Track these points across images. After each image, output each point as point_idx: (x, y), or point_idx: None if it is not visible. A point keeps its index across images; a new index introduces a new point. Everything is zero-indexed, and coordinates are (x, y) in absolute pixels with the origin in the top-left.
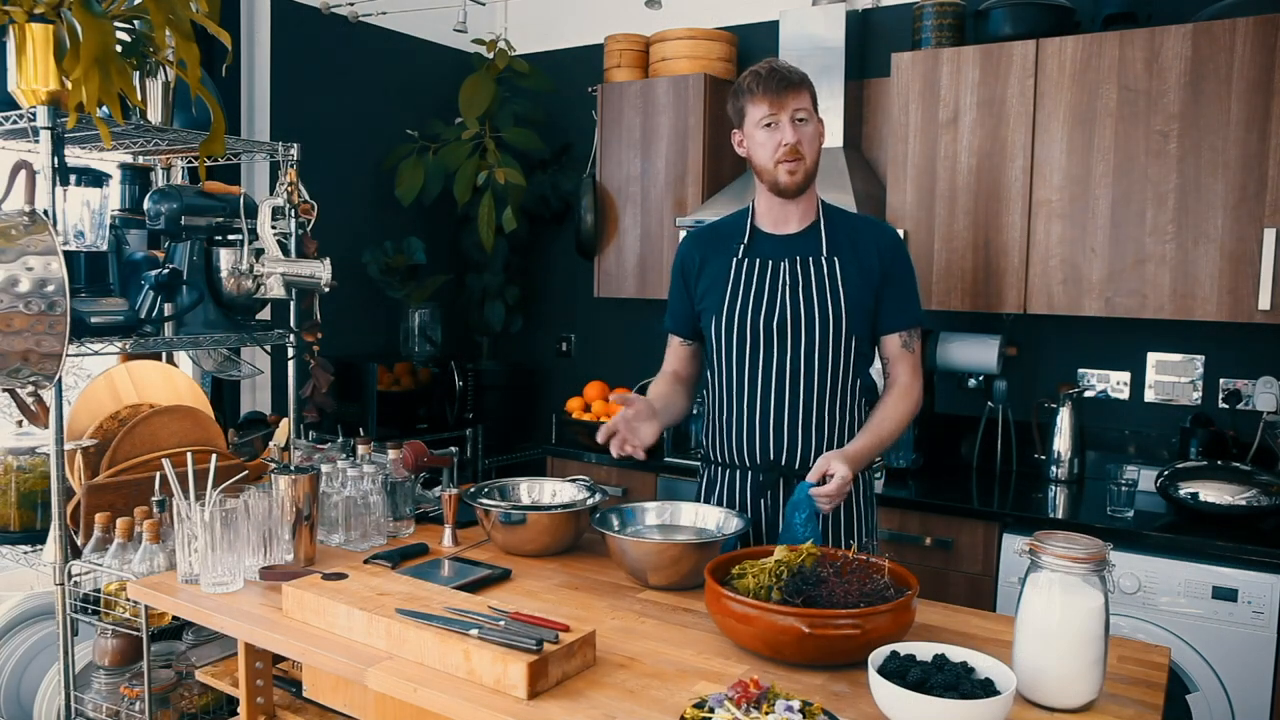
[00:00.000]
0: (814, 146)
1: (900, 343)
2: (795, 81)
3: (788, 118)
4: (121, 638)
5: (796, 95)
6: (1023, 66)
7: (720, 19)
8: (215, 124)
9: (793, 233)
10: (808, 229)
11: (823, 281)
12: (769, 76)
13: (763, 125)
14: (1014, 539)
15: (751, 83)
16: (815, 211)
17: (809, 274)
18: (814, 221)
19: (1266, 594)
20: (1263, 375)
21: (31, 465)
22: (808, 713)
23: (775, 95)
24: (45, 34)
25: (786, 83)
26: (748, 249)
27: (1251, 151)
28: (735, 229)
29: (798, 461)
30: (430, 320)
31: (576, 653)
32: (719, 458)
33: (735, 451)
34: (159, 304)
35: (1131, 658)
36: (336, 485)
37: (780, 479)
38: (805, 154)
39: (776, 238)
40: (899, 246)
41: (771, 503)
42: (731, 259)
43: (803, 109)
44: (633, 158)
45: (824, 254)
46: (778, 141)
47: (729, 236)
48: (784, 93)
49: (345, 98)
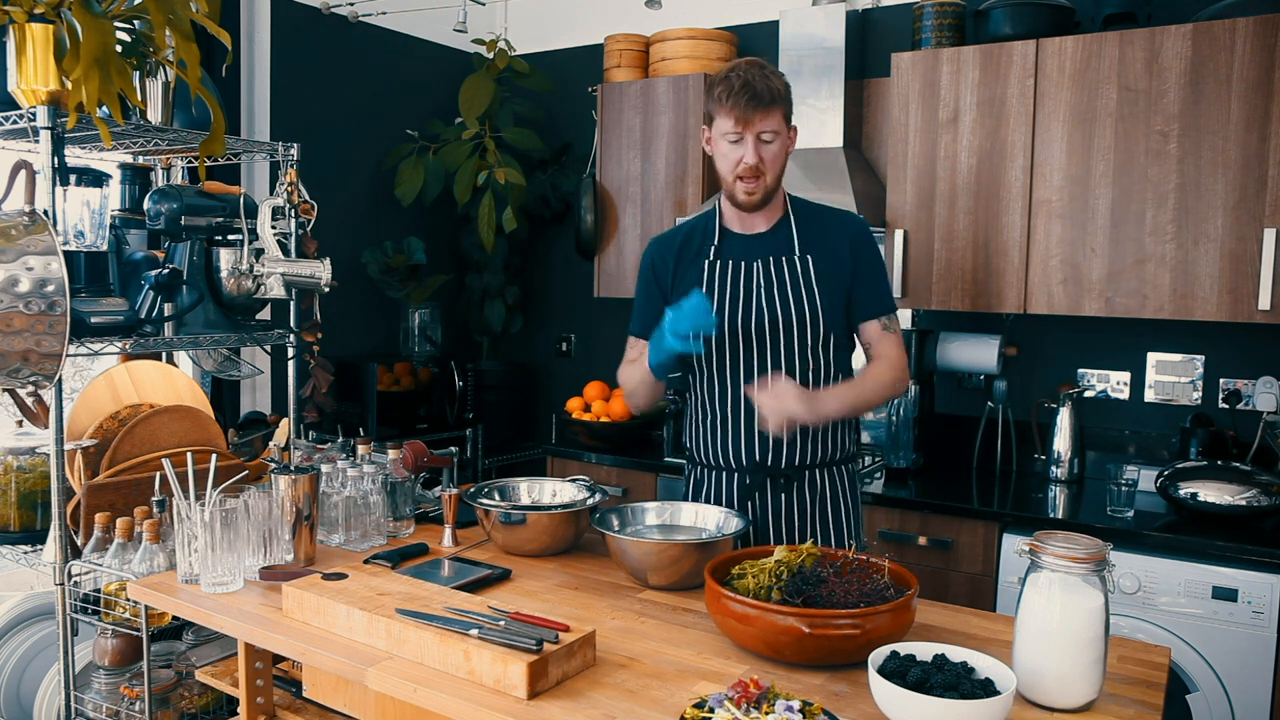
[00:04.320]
0: (777, 164)
1: (880, 326)
2: (765, 102)
3: (753, 137)
4: (121, 638)
5: (765, 116)
6: (1023, 66)
7: (720, 19)
8: (215, 124)
9: (761, 231)
10: (776, 225)
11: (797, 281)
12: (740, 92)
13: (728, 140)
14: (1014, 539)
15: (723, 93)
16: (783, 207)
17: (783, 274)
18: (782, 217)
19: (1266, 594)
20: (1263, 375)
21: (31, 465)
22: (808, 713)
23: (742, 114)
24: (45, 34)
25: (757, 102)
26: (719, 251)
27: (1251, 151)
28: (703, 231)
29: (783, 462)
30: (430, 320)
31: (576, 653)
32: (704, 459)
33: (720, 453)
34: (159, 304)
35: (1131, 658)
36: (336, 485)
37: (767, 479)
38: (766, 172)
39: (746, 238)
40: (867, 236)
41: (759, 504)
42: (704, 261)
43: (769, 130)
44: (633, 158)
45: (796, 253)
46: (739, 158)
47: (698, 240)
48: (752, 112)
49: (345, 98)
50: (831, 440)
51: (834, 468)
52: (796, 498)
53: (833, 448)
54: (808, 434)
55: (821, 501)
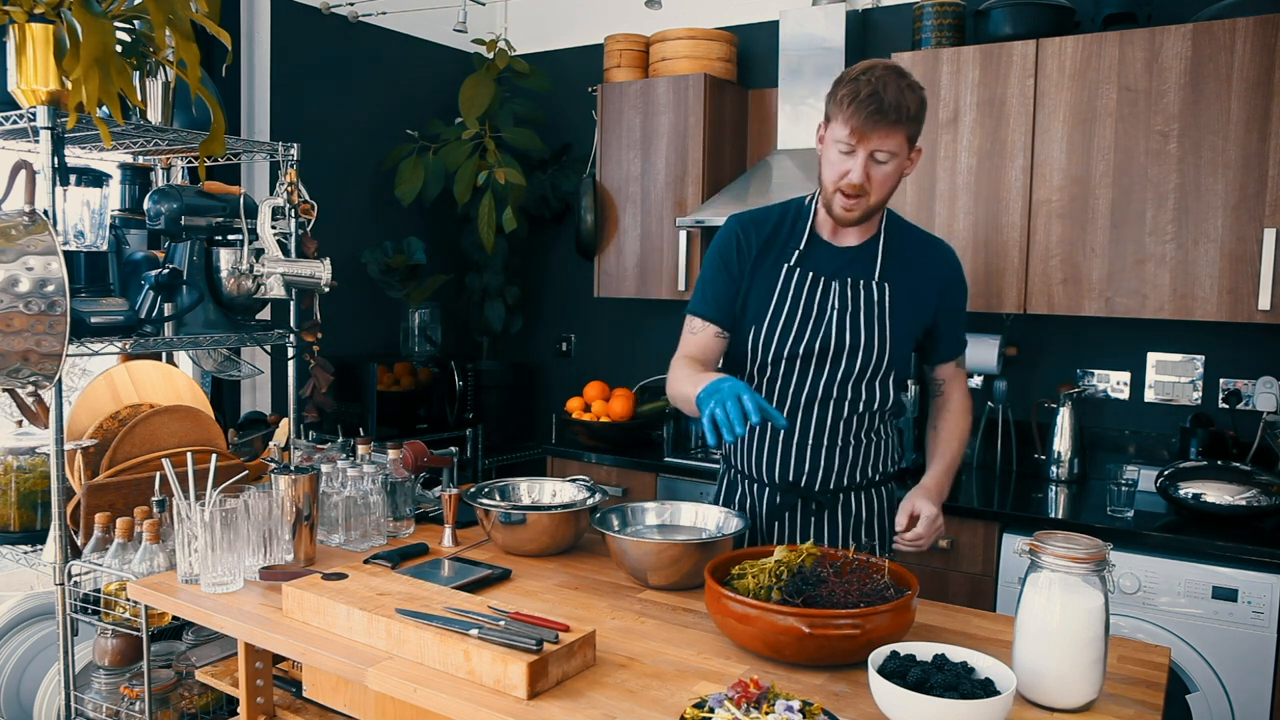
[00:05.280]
0: (886, 186)
1: (954, 366)
2: (890, 120)
3: (865, 153)
4: (121, 638)
5: (886, 135)
6: (1023, 66)
7: (720, 19)
8: (215, 124)
9: (851, 245)
10: (867, 243)
11: (871, 310)
12: (866, 101)
13: (838, 147)
14: (1014, 539)
15: (846, 96)
16: (878, 224)
17: (859, 299)
18: (874, 235)
19: (1266, 594)
20: (1263, 375)
21: (31, 465)
22: (808, 713)
23: (860, 126)
24: (45, 34)
25: (880, 118)
26: (802, 257)
27: (1251, 151)
28: (793, 227)
29: (818, 484)
30: (430, 320)
31: (576, 653)
32: (740, 466)
33: (756, 465)
34: (159, 304)
35: (1131, 658)
36: (336, 485)
37: (799, 500)
38: (871, 193)
39: (833, 249)
40: (959, 277)
41: (789, 522)
42: (784, 264)
43: (887, 150)
44: (633, 158)
45: (875, 278)
46: (845, 171)
47: (786, 235)
48: (872, 128)
49: (345, 98)
50: (873, 463)
51: (872, 489)
52: (828, 522)
53: (873, 471)
54: (847, 459)
55: (856, 524)
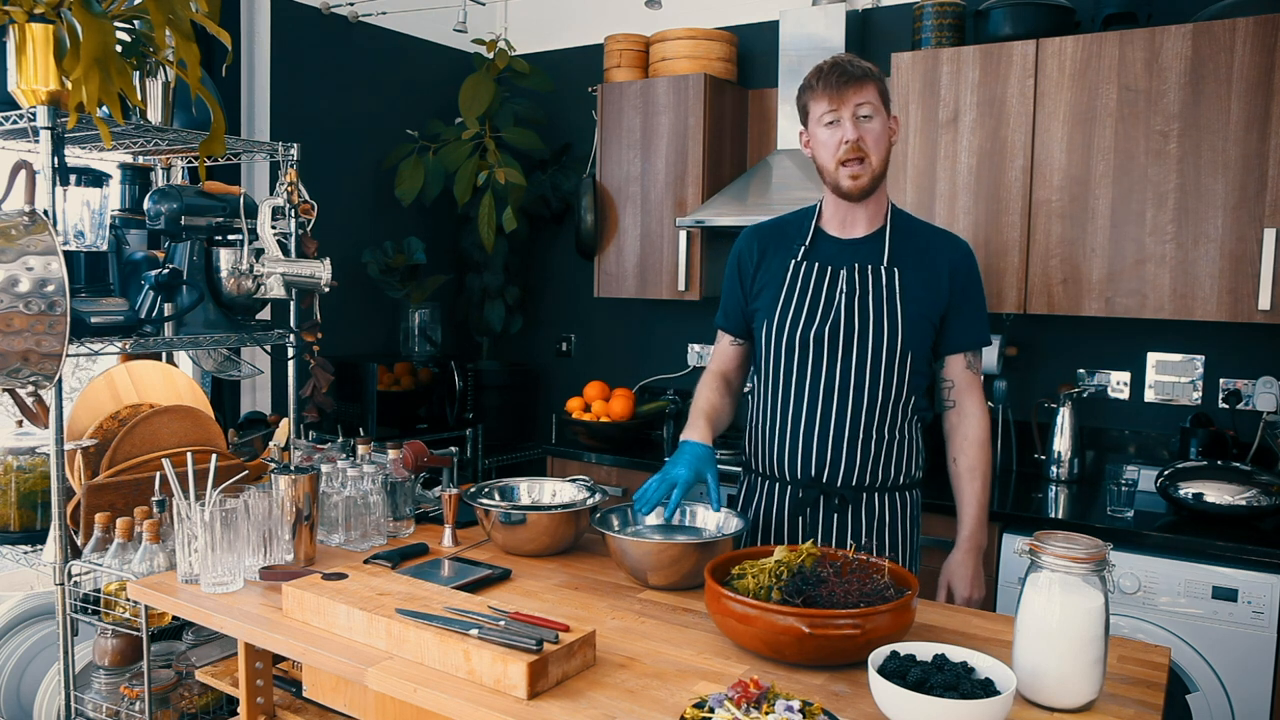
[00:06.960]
0: (881, 145)
1: (964, 364)
2: (857, 75)
3: (849, 114)
4: (121, 638)
5: (859, 89)
6: (1023, 66)
7: (720, 19)
8: (215, 124)
9: (858, 237)
10: (874, 234)
11: (880, 292)
12: (830, 71)
13: (824, 123)
14: (1014, 539)
15: (813, 78)
16: (884, 216)
17: (866, 284)
18: (882, 226)
19: (1266, 594)
20: (1263, 375)
21: (31, 465)
22: (808, 713)
23: (835, 90)
24: (45, 34)
25: (847, 76)
26: (808, 251)
27: (1251, 152)
28: (798, 228)
29: (839, 480)
30: (430, 320)
31: (576, 653)
32: (759, 467)
33: (776, 463)
34: (159, 304)
35: (1131, 658)
36: (336, 485)
37: (820, 496)
38: (869, 152)
39: (840, 242)
40: (971, 263)
41: (810, 520)
42: (790, 260)
43: (866, 103)
44: (633, 158)
45: (884, 263)
46: (839, 139)
47: (791, 235)
48: (845, 87)
49: (345, 98)
50: (895, 464)
51: (895, 493)
52: (851, 520)
53: (895, 472)
54: (868, 453)
55: (879, 527)
